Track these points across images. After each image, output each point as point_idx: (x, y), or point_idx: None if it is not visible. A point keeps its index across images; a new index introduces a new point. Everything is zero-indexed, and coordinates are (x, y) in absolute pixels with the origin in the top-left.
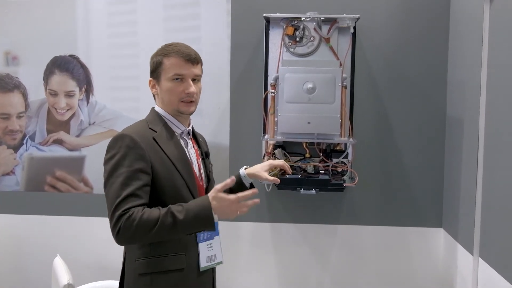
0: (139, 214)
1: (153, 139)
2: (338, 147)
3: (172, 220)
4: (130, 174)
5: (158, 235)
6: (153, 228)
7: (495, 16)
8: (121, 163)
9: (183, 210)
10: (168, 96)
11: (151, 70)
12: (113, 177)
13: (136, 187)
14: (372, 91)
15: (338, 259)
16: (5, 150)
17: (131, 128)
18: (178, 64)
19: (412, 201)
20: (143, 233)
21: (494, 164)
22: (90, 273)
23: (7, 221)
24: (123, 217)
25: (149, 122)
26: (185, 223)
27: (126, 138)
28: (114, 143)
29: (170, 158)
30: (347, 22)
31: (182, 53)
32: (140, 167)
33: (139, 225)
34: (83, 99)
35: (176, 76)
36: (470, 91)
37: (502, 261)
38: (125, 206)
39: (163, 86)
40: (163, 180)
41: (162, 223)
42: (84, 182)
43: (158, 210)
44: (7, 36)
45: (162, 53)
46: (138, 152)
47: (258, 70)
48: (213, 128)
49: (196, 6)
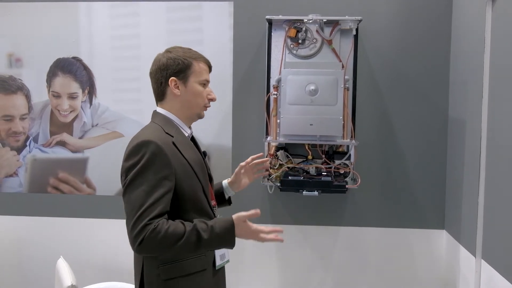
0: (164, 226)
1: (173, 144)
2: (341, 148)
3: (197, 238)
4: (155, 181)
5: (180, 249)
6: (177, 242)
7: (497, 17)
8: (146, 169)
9: (208, 229)
10: (195, 99)
11: (176, 70)
12: (136, 183)
13: (161, 195)
14: (374, 92)
15: (341, 260)
16: (8, 151)
17: (150, 133)
18: (206, 70)
19: (414, 202)
20: (166, 246)
21: (497, 166)
22: (94, 275)
23: (10, 223)
24: (147, 227)
25: (163, 126)
26: (209, 242)
27: (151, 144)
28: (138, 149)
29: (189, 162)
30: (349, 24)
31: (207, 61)
32: (165, 175)
33: (164, 238)
34: (86, 101)
35: (205, 81)
36: (472, 93)
37: (504, 263)
38: (150, 215)
39: (192, 88)
40: (184, 184)
41: (187, 239)
42: (87, 184)
43: (182, 225)
44: (10, 38)
45: (190, 56)
46: (163, 159)
47: (260, 72)
48: (215, 129)
49: (198, 8)
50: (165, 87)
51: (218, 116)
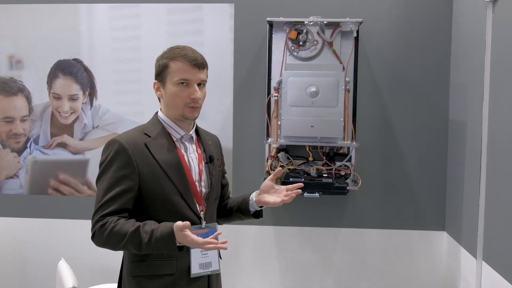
0: (111, 225)
1: (144, 145)
2: (341, 150)
3: (138, 240)
4: (113, 179)
5: (126, 249)
6: (121, 242)
7: (498, 18)
8: (108, 168)
9: (149, 232)
10: (173, 100)
11: (156, 72)
12: (100, 181)
13: (117, 193)
14: (375, 94)
15: (341, 262)
16: (8, 153)
17: (124, 133)
18: (184, 69)
19: (415, 204)
20: (111, 244)
21: (497, 167)
22: (95, 276)
23: (10, 224)
24: (98, 224)
25: (146, 127)
26: (149, 246)
27: (115, 144)
28: (106, 148)
29: (160, 164)
30: (350, 26)
31: (189, 58)
32: (125, 174)
33: (109, 236)
34: (86, 102)
35: (182, 80)
36: (472, 94)
37: (505, 264)
38: (103, 212)
39: (168, 90)
40: (151, 186)
41: (128, 240)
42: (87, 185)
43: (130, 224)
44: (11, 40)
45: (168, 56)
46: (124, 159)
47: (261, 74)
48: (216, 131)
49: (199, 10)
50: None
51: (219, 118)
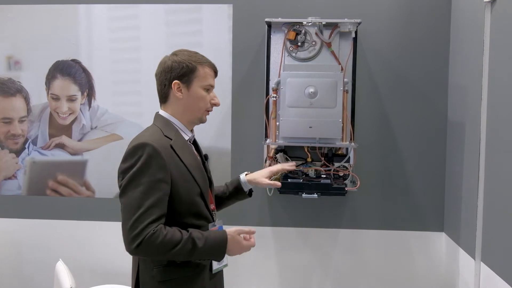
0: (163, 232)
1: (170, 147)
2: (340, 151)
3: (192, 246)
4: (152, 184)
5: (175, 255)
6: (173, 249)
7: (496, 20)
8: (142, 172)
9: (202, 238)
10: (197, 104)
11: (180, 73)
12: (132, 186)
13: (158, 198)
14: (374, 95)
15: (340, 263)
16: (7, 154)
17: (148, 135)
18: (211, 75)
19: (413, 205)
20: (162, 251)
21: (496, 168)
22: (93, 277)
23: (9, 225)
24: (146, 230)
25: (162, 129)
26: (202, 252)
27: (147, 147)
28: (134, 152)
29: (187, 166)
30: (348, 27)
31: (213, 65)
32: (162, 177)
33: (162, 243)
34: (85, 103)
35: (209, 86)
36: (471, 95)
37: (504, 265)
38: (149, 218)
39: (195, 93)
40: (180, 188)
41: (182, 246)
42: (86, 186)
43: (179, 232)
44: (9, 41)
45: (195, 60)
46: (159, 162)
47: (259, 75)
48: (215, 132)
49: (198, 11)
50: (168, 90)
51: (217, 118)
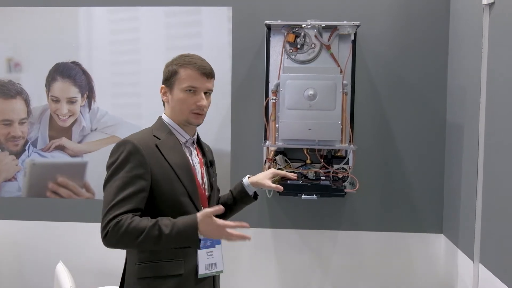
0: (127, 221)
1: (155, 146)
2: (339, 153)
3: (158, 232)
4: (126, 179)
5: (143, 244)
6: (139, 237)
7: (495, 22)
8: (120, 168)
9: (170, 224)
10: (179, 106)
11: (165, 77)
12: (111, 181)
13: (131, 192)
14: (373, 97)
15: (339, 264)
16: (7, 156)
17: (135, 134)
18: (193, 76)
19: (412, 206)
20: (128, 240)
21: (494, 170)
22: (93, 279)
23: (9, 227)
24: (112, 222)
25: (154, 129)
26: (170, 238)
27: (128, 144)
28: (116, 149)
29: (171, 165)
30: (347, 29)
31: (198, 66)
32: (139, 173)
33: (126, 232)
34: (85, 105)
35: (190, 87)
36: (470, 97)
37: (502, 267)
38: (117, 211)
39: (176, 95)
40: (163, 187)
41: (147, 234)
42: (86, 188)
43: (147, 220)
44: (9, 43)
45: (178, 63)
46: (138, 159)
47: (259, 77)
48: (214, 134)
49: (197, 13)
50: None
51: (217, 120)
